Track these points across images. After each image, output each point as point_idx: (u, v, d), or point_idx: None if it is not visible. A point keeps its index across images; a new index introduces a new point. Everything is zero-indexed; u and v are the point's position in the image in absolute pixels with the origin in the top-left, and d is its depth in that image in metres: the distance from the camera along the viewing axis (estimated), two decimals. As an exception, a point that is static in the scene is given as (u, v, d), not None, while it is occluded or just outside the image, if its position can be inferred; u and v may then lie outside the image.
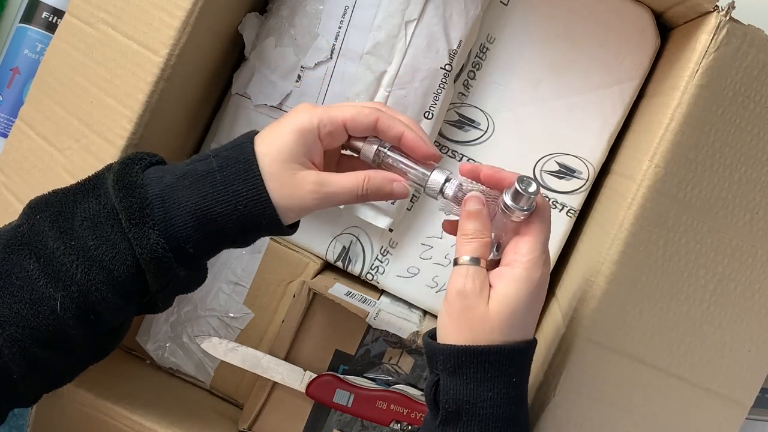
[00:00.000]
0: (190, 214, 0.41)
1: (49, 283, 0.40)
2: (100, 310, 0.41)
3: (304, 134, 0.42)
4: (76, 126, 0.51)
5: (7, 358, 0.39)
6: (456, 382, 0.40)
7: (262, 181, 0.41)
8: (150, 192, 0.41)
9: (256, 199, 0.41)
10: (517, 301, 0.40)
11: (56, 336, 0.41)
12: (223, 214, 0.41)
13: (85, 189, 0.43)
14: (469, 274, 0.41)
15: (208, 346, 0.57)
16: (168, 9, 0.48)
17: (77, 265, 0.40)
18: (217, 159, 0.42)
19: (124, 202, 0.41)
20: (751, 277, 0.48)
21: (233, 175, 0.41)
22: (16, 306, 0.40)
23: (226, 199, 0.41)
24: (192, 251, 0.42)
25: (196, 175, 0.42)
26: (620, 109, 0.57)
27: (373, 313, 0.55)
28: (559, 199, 0.59)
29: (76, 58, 0.51)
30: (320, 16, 0.56)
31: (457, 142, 0.60)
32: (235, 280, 0.60)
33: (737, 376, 0.49)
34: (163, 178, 0.42)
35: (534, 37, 0.58)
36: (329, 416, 0.58)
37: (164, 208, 0.41)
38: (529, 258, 0.40)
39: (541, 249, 0.41)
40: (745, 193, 0.47)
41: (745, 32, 0.45)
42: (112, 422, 0.52)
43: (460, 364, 0.40)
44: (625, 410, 0.49)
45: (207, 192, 0.41)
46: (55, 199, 0.42)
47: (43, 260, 0.40)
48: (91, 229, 0.41)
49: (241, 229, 0.42)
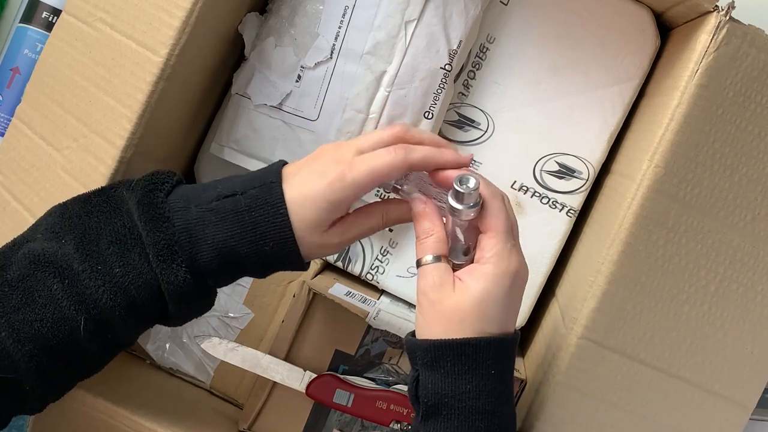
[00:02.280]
0: (216, 251, 0.41)
1: (73, 306, 0.40)
2: (117, 329, 0.42)
3: (334, 205, 0.42)
4: (75, 125, 0.51)
5: (23, 372, 0.40)
6: (434, 376, 0.40)
7: (290, 227, 0.41)
8: (176, 225, 0.41)
9: (282, 244, 0.42)
10: (485, 294, 0.40)
11: (72, 352, 0.41)
12: (249, 254, 0.42)
13: (108, 209, 0.43)
14: (428, 271, 0.42)
15: (208, 346, 0.57)
16: (168, 9, 0.48)
17: (103, 290, 0.40)
18: (245, 198, 0.42)
19: (152, 236, 0.41)
20: (753, 278, 0.48)
21: (261, 217, 0.41)
22: (37, 324, 0.40)
23: (253, 240, 0.41)
24: (212, 284, 0.43)
25: (224, 212, 0.42)
26: (620, 109, 0.57)
27: (373, 313, 0.55)
28: (559, 199, 0.59)
29: (73, 57, 0.51)
30: (320, 16, 0.56)
31: (457, 142, 0.60)
32: (235, 280, 0.60)
33: (739, 378, 0.49)
34: (189, 210, 0.42)
35: (534, 37, 0.58)
36: (329, 416, 0.58)
37: (191, 243, 0.41)
38: (492, 253, 0.41)
39: (503, 241, 0.41)
40: (746, 194, 0.47)
41: (746, 32, 0.45)
42: (112, 422, 0.52)
43: (437, 357, 0.40)
44: (626, 410, 0.49)
45: (234, 231, 0.41)
46: (79, 221, 0.42)
47: (68, 282, 0.40)
48: (117, 256, 0.41)
49: (263, 267, 0.43)
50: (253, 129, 0.58)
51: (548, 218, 0.59)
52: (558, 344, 0.51)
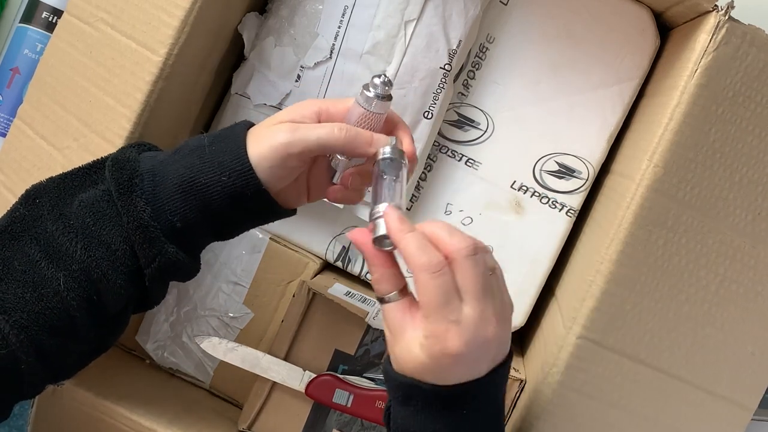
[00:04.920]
0: (176, 185, 0.42)
1: (51, 264, 0.40)
2: (102, 290, 0.42)
3: (301, 109, 0.44)
4: (75, 125, 0.51)
5: (14, 346, 0.39)
6: (404, 411, 0.40)
7: (245, 152, 0.42)
8: (141, 166, 0.43)
9: (239, 169, 0.42)
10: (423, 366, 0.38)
11: (61, 321, 0.41)
12: (208, 184, 0.42)
13: (84, 174, 0.44)
14: (383, 311, 0.40)
15: (207, 346, 0.57)
16: (167, 8, 0.48)
17: (76, 242, 0.41)
18: (209, 137, 0.44)
19: (116, 175, 0.42)
20: (754, 279, 0.48)
21: (220, 149, 0.42)
22: (19, 291, 0.40)
23: (211, 170, 0.42)
24: (179, 225, 0.42)
25: (187, 149, 0.43)
26: (620, 109, 0.57)
27: (373, 313, 0.55)
28: (559, 199, 0.59)
29: (75, 58, 0.51)
30: (320, 15, 0.56)
31: (457, 142, 0.60)
32: (235, 279, 0.60)
33: (740, 379, 0.49)
34: (157, 156, 0.44)
35: (534, 37, 0.58)
36: (329, 416, 0.58)
37: (154, 182, 0.42)
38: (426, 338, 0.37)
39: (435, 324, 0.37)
40: (746, 194, 0.47)
41: (745, 32, 0.45)
42: (112, 422, 0.52)
43: (408, 396, 0.40)
44: (626, 411, 0.49)
45: (194, 163, 0.42)
46: (53, 185, 0.43)
47: (43, 242, 0.41)
48: (87, 209, 0.42)
49: (228, 202, 0.43)
50: (253, 129, 0.58)
51: (548, 218, 0.59)
52: (557, 344, 0.50)
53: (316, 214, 0.60)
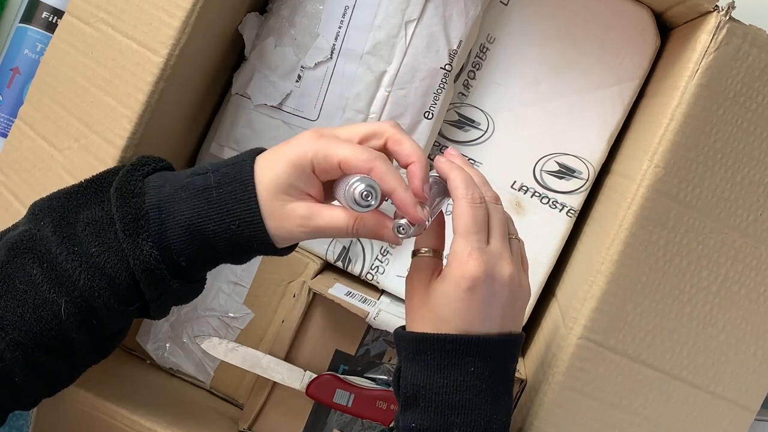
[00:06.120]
0: (183, 228, 0.41)
1: (53, 289, 0.40)
2: (102, 316, 0.41)
3: (298, 167, 0.41)
4: (76, 126, 0.51)
5: (9, 362, 0.39)
6: (414, 368, 0.41)
7: (257, 204, 0.41)
8: (147, 201, 0.41)
9: (249, 221, 0.41)
10: (441, 296, 0.41)
11: (58, 341, 0.41)
12: (216, 231, 0.41)
13: (89, 193, 0.43)
14: (411, 264, 0.44)
15: (208, 346, 0.57)
16: (168, 9, 0.48)
17: (80, 271, 0.40)
18: (216, 175, 0.42)
19: (121, 211, 0.41)
20: (756, 279, 0.48)
21: (229, 194, 0.41)
22: (19, 310, 0.40)
23: (219, 217, 0.41)
24: (185, 265, 0.42)
25: (194, 189, 0.41)
26: (620, 109, 0.57)
27: (373, 313, 0.55)
28: (559, 199, 0.59)
29: (75, 58, 0.52)
30: (320, 16, 0.56)
31: (457, 142, 0.60)
32: (235, 280, 0.60)
33: (742, 380, 0.49)
34: (162, 188, 0.42)
35: (534, 37, 0.58)
36: (329, 416, 0.58)
37: (160, 219, 0.41)
38: (451, 258, 0.41)
39: (462, 244, 0.40)
40: (748, 194, 0.47)
41: (746, 32, 0.45)
42: (112, 422, 0.52)
43: (418, 350, 0.41)
44: (626, 411, 0.49)
45: (202, 208, 0.41)
46: (58, 204, 0.42)
47: (47, 265, 0.40)
48: (93, 236, 0.41)
49: (234, 248, 0.42)
50: (253, 129, 0.58)
51: (548, 218, 0.59)
52: (558, 344, 0.50)
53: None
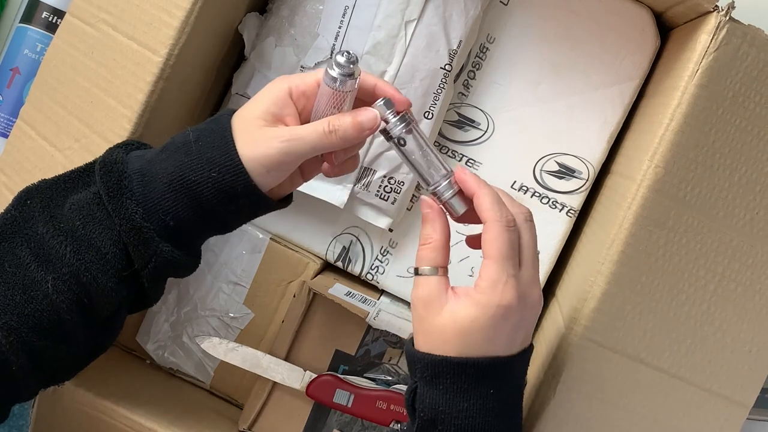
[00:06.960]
0: (166, 184, 0.42)
1: (40, 267, 0.40)
2: (93, 293, 0.41)
3: (274, 93, 0.42)
4: (77, 126, 0.51)
5: (5, 348, 0.39)
6: (432, 391, 0.40)
7: (234, 149, 0.41)
8: (130, 168, 0.42)
9: (228, 165, 0.41)
10: (471, 323, 0.39)
11: (51, 323, 0.41)
12: (198, 182, 0.41)
13: (76, 176, 0.44)
14: (420, 284, 0.41)
15: (208, 346, 0.57)
16: (168, 9, 0.48)
17: (66, 245, 0.41)
18: (194, 131, 0.43)
19: (105, 178, 0.42)
20: (752, 278, 0.48)
21: (208, 145, 0.42)
22: (9, 293, 0.40)
23: (199, 166, 0.41)
24: (172, 223, 0.42)
25: (174, 146, 0.43)
26: (620, 109, 0.57)
27: (373, 313, 0.55)
28: (559, 199, 0.59)
29: (76, 59, 0.51)
30: (320, 16, 0.56)
31: (457, 142, 0.60)
32: (235, 280, 0.60)
33: (738, 377, 0.49)
34: (144, 155, 0.43)
35: (534, 37, 0.58)
36: (329, 416, 0.58)
37: (143, 182, 0.42)
38: (485, 284, 0.39)
39: (497, 271, 0.39)
40: (745, 193, 0.47)
41: (746, 32, 0.45)
42: (112, 422, 0.52)
43: (437, 374, 0.40)
44: (626, 410, 0.49)
45: (183, 161, 0.42)
46: (46, 186, 0.43)
47: (34, 245, 0.41)
48: (77, 212, 0.42)
49: (220, 199, 0.42)
50: (254, 129, 0.58)
51: (548, 218, 0.59)
52: (558, 344, 0.51)
53: (316, 214, 0.60)
